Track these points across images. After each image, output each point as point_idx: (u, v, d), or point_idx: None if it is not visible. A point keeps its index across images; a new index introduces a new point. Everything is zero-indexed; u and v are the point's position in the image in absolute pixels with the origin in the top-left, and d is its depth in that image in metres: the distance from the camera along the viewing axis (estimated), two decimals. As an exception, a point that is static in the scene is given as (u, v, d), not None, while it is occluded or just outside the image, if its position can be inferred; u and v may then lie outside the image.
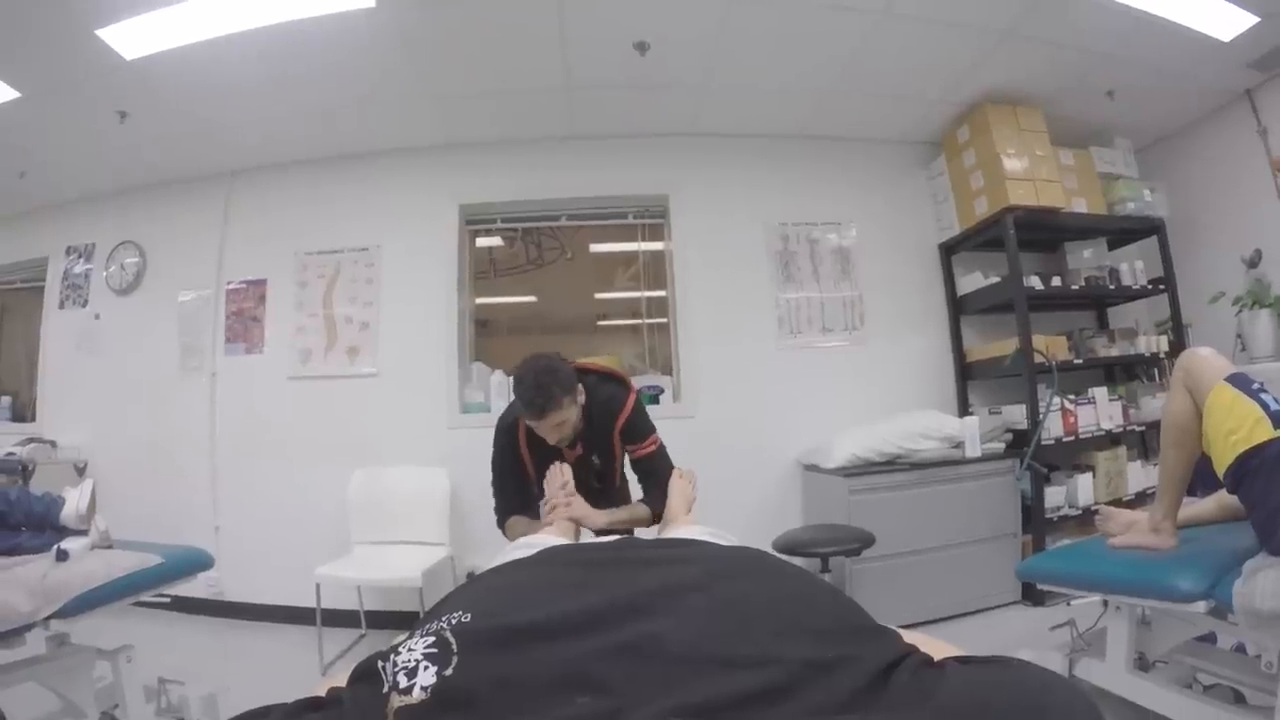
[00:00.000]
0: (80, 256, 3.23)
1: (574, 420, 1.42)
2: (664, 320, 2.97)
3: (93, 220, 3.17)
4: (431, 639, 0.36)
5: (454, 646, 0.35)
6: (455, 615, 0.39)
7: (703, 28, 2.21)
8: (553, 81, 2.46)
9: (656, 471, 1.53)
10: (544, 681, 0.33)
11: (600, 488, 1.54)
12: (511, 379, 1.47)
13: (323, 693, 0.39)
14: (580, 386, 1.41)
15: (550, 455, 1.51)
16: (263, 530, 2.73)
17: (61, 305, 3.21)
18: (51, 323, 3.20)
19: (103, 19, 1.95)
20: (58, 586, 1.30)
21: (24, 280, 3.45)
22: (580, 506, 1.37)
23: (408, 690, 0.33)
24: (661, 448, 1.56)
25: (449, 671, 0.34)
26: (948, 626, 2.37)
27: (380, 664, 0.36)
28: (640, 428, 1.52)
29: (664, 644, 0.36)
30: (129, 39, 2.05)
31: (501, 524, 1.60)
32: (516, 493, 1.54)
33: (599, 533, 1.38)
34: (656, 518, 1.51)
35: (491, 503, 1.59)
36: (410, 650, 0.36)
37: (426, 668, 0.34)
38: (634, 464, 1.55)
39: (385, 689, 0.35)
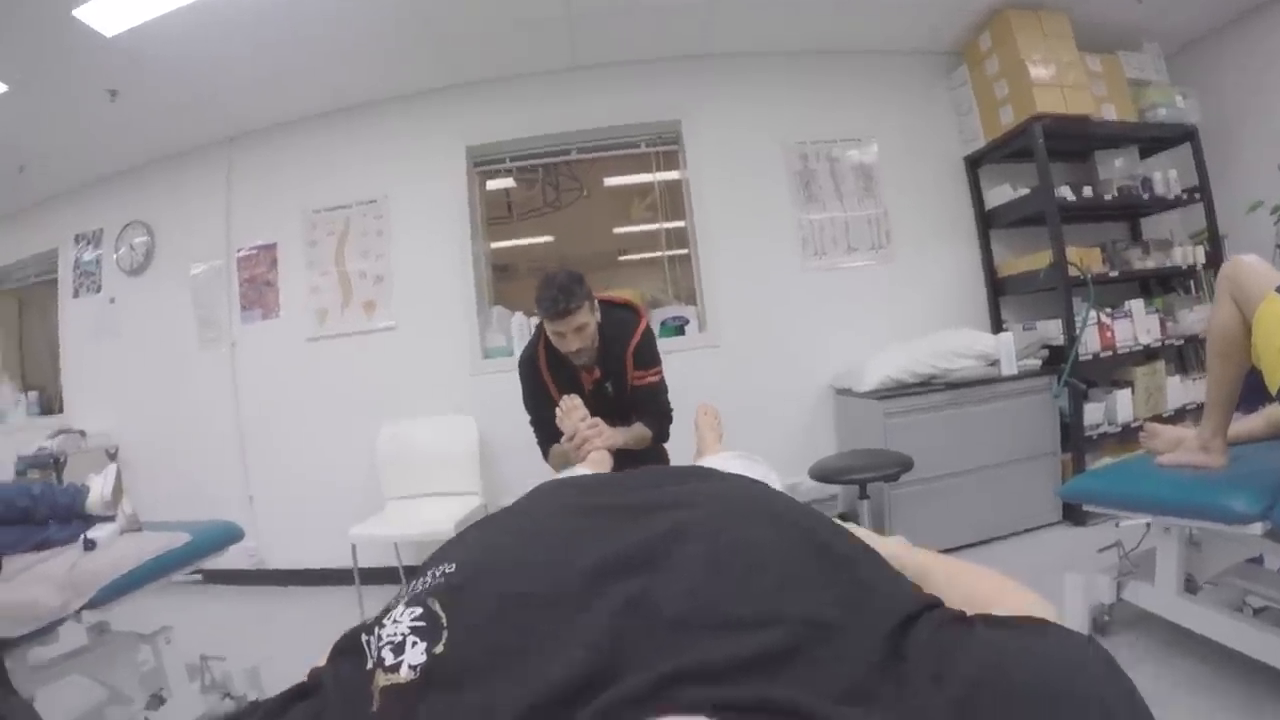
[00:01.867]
0: (89, 243, 3.21)
1: (593, 329, 1.46)
2: (685, 251, 2.91)
3: (97, 205, 3.15)
4: (418, 609, 0.34)
5: (443, 619, 0.33)
6: (440, 568, 0.37)
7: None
8: (552, 10, 2.37)
9: (655, 399, 1.60)
10: (537, 649, 0.31)
11: (613, 419, 1.55)
12: (536, 290, 1.49)
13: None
14: (597, 303, 1.47)
15: (572, 380, 1.55)
16: (296, 495, 2.74)
17: (76, 294, 3.21)
18: (68, 312, 3.21)
19: None
20: (86, 577, 1.28)
21: (37, 274, 3.45)
22: (608, 434, 1.39)
23: (394, 668, 0.31)
24: (664, 381, 1.62)
25: (439, 649, 0.32)
26: (989, 549, 2.34)
27: (364, 638, 0.34)
28: (650, 352, 1.59)
29: (659, 602, 0.33)
30: (107, 15, 1.99)
31: (545, 454, 1.63)
32: (548, 423, 1.55)
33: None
34: (655, 439, 1.59)
35: (521, 446, 1.67)
36: (396, 623, 0.34)
37: (415, 643, 0.32)
38: (635, 391, 1.57)
39: (369, 665, 0.32)
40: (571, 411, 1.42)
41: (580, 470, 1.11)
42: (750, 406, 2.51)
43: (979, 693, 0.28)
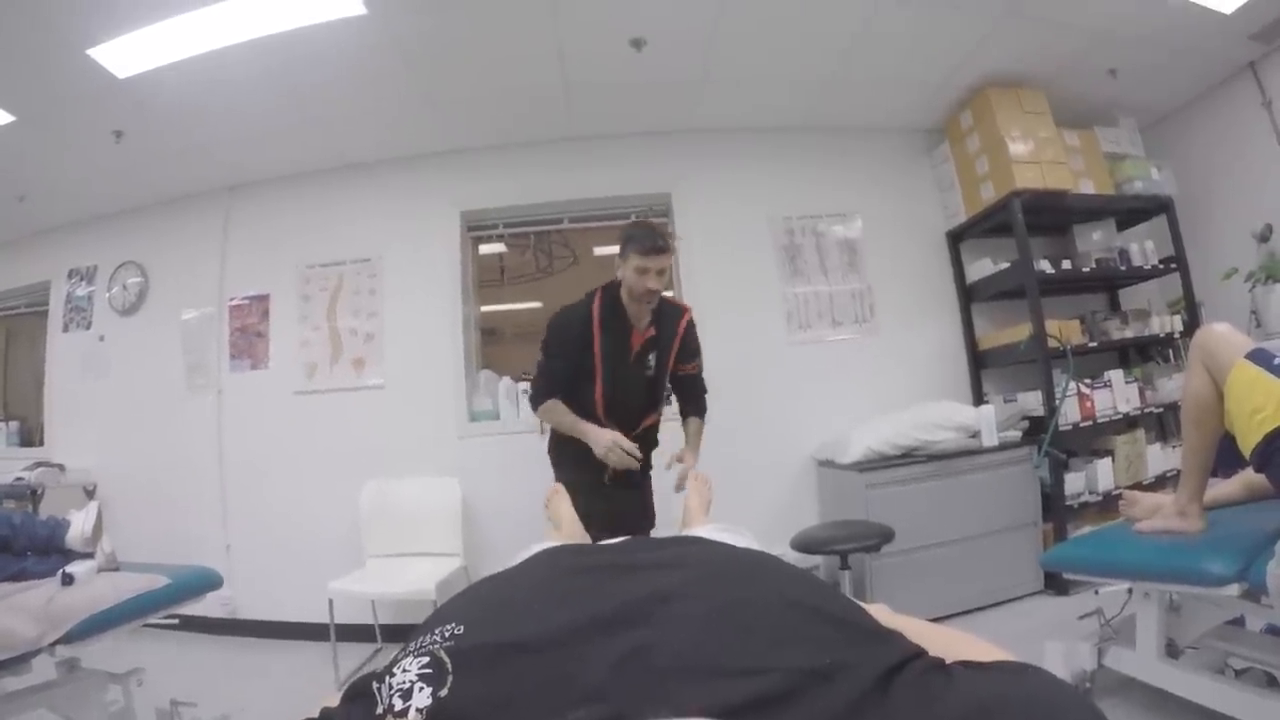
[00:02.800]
0: (82, 279, 3.22)
1: (668, 276, 1.61)
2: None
3: (93, 242, 3.17)
4: (426, 658, 0.36)
5: (448, 666, 0.35)
6: (448, 628, 0.39)
7: (699, 21, 2.19)
8: (549, 81, 2.44)
9: (697, 387, 1.83)
10: (538, 697, 0.33)
11: (648, 394, 1.70)
12: (622, 232, 1.65)
13: (317, 714, 0.38)
14: None
15: (622, 336, 1.64)
16: (275, 547, 2.71)
17: (65, 328, 3.21)
18: (56, 346, 3.20)
19: (93, 38, 1.94)
20: (63, 611, 1.28)
21: (28, 305, 3.46)
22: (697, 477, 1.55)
23: (403, 713, 0.33)
24: (702, 374, 1.83)
25: (444, 693, 0.33)
26: (971, 619, 2.34)
27: (375, 685, 0.36)
28: (696, 342, 1.78)
29: (656, 654, 0.35)
30: (121, 57, 2.04)
31: (538, 403, 1.68)
32: (564, 376, 1.63)
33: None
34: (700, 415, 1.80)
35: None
36: (405, 671, 0.35)
37: (421, 689, 0.34)
38: (679, 380, 1.79)
39: (379, 710, 0.34)
40: (693, 488, 1.51)
41: (550, 542, 1.12)
42: (735, 478, 2.48)
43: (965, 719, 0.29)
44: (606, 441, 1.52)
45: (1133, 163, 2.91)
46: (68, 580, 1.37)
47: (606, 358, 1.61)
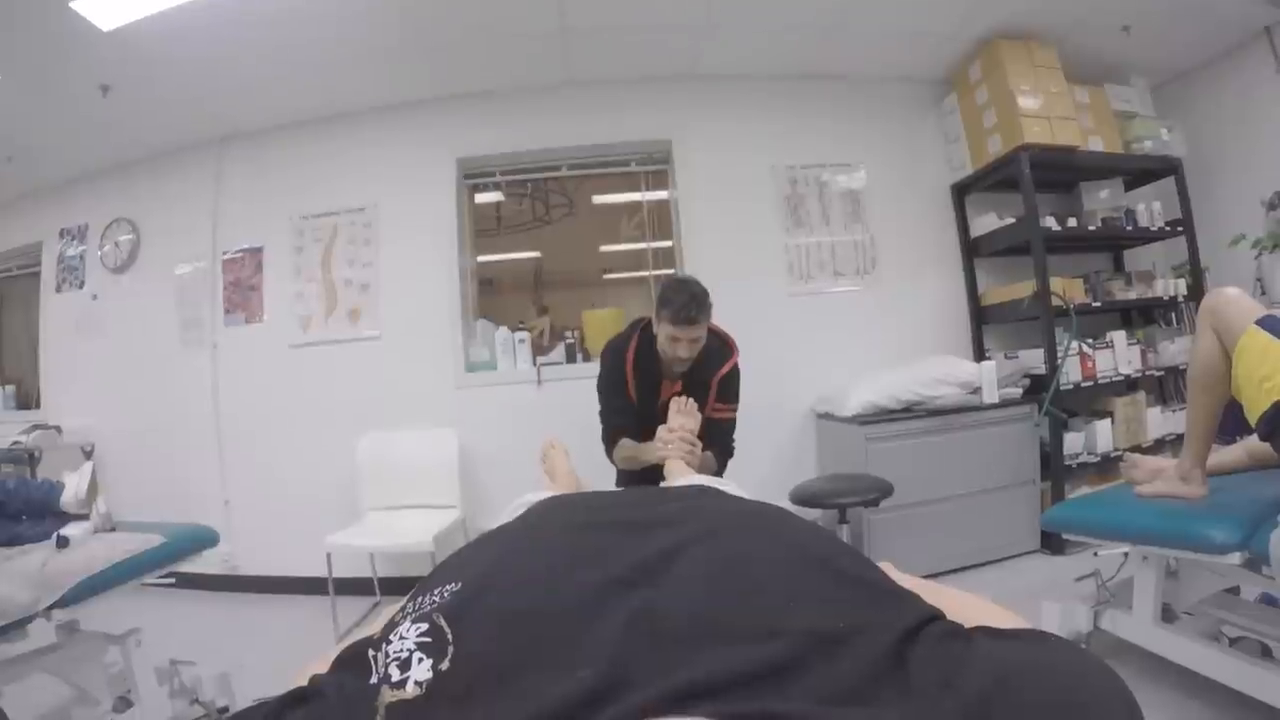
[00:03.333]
0: (74, 238, 3.18)
1: (702, 343, 1.52)
2: (671, 271, 2.90)
3: (84, 200, 3.12)
4: (425, 625, 0.34)
5: (448, 635, 0.33)
6: (447, 587, 0.37)
7: (703, -40, 2.12)
8: (547, 24, 2.37)
9: (725, 435, 1.65)
10: (542, 664, 0.31)
11: None
12: (660, 288, 1.56)
13: (319, 672, 0.36)
14: None
15: (652, 387, 1.59)
16: (273, 502, 2.71)
17: (58, 289, 3.17)
18: (50, 307, 3.17)
19: None
20: (57, 574, 1.26)
21: (20, 267, 3.41)
22: (693, 458, 1.38)
23: (400, 684, 0.31)
24: (735, 422, 1.68)
25: (445, 665, 0.32)
26: (968, 576, 2.35)
27: (371, 653, 0.34)
28: (734, 388, 1.65)
29: (664, 617, 0.34)
30: (104, 8, 1.97)
31: (608, 445, 1.65)
32: (622, 413, 1.60)
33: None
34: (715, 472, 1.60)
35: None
36: (402, 639, 0.34)
37: (421, 659, 0.32)
38: (708, 423, 1.57)
39: (374, 679, 0.33)
40: (688, 412, 1.42)
41: (545, 493, 1.10)
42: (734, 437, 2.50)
43: (989, 704, 0.28)
44: (661, 439, 1.39)
45: (1143, 122, 2.86)
46: (63, 543, 1.35)
47: (640, 402, 1.60)
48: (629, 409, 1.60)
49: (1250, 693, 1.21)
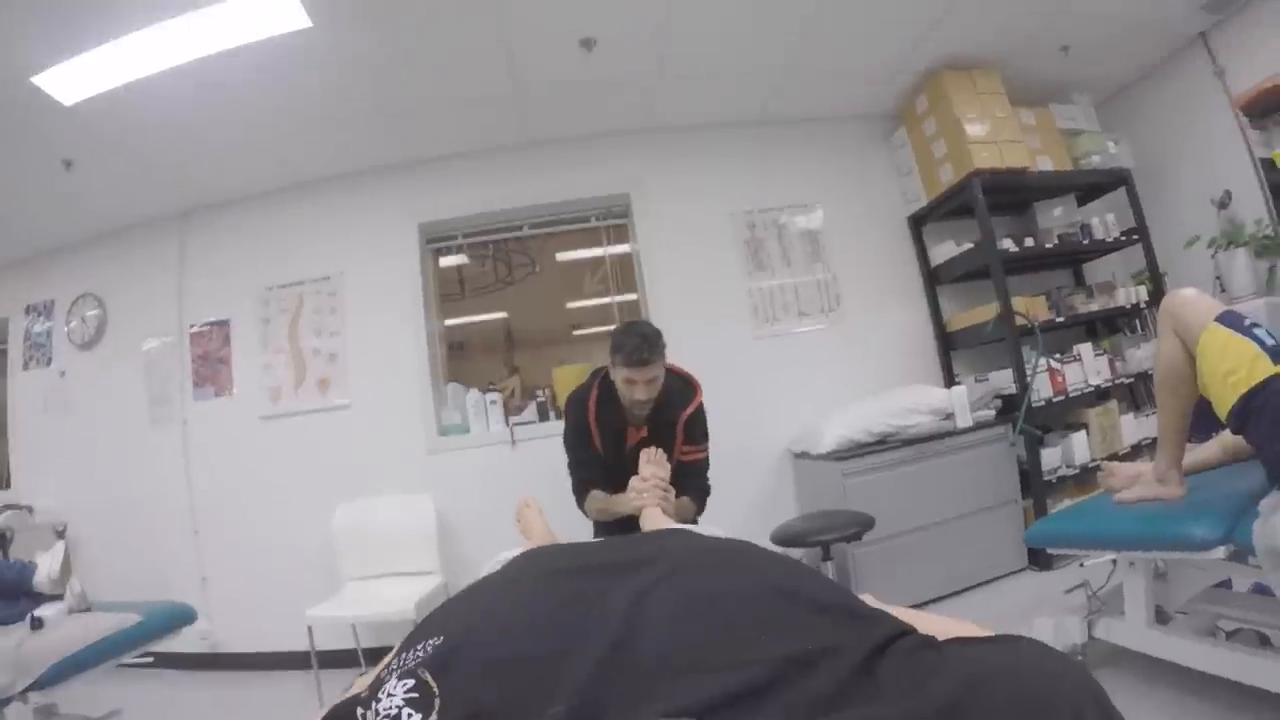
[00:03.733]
0: (40, 314, 3.14)
1: (660, 384, 1.51)
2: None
3: (50, 275, 3.09)
4: (410, 680, 0.35)
5: (434, 689, 0.34)
6: (430, 641, 0.38)
7: (649, 18, 2.17)
8: (501, 88, 2.42)
9: (699, 476, 1.65)
10: (522, 707, 0.32)
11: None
12: (612, 335, 1.57)
13: None
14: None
15: (617, 435, 1.58)
16: (251, 576, 2.65)
17: (25, 366, 3.12)
18: (17, 385, 3.11)
19: (36, 65, 1.89)
20: (33, 656, 1.25)
21: (-13, 345, 3.36)
22: (668, 504, 1.37)
23: None
24: (708, 460, 1.67)
25: (433, 718, 0.33)
26: (957, 601, 2.34)
27: (360, 711, 0.35)
28: (701, 428, 1.65)
29: (638, 653, 0.35)
30: (66, 84, 1.99)
31: (580, 498, 1.63)
32: (588, 465, 1.60)
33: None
34: (694, 514, 1.62)
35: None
36: (390, 696, 0.34)
37: (410, 715, 0.33)
38: (680, 466, 1.58)
39: None
40: (658, 462, 1.41)
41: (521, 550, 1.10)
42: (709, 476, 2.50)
43: (958, 706, 0.28)
44: (634, 489, 1.37)
45: (1089, 137, 2.94)
46: (37, 624, 1.34)
47: (605, 451, 1.59)
48: (595, 460, 1.60)
49: (1253, 683, 1.19)
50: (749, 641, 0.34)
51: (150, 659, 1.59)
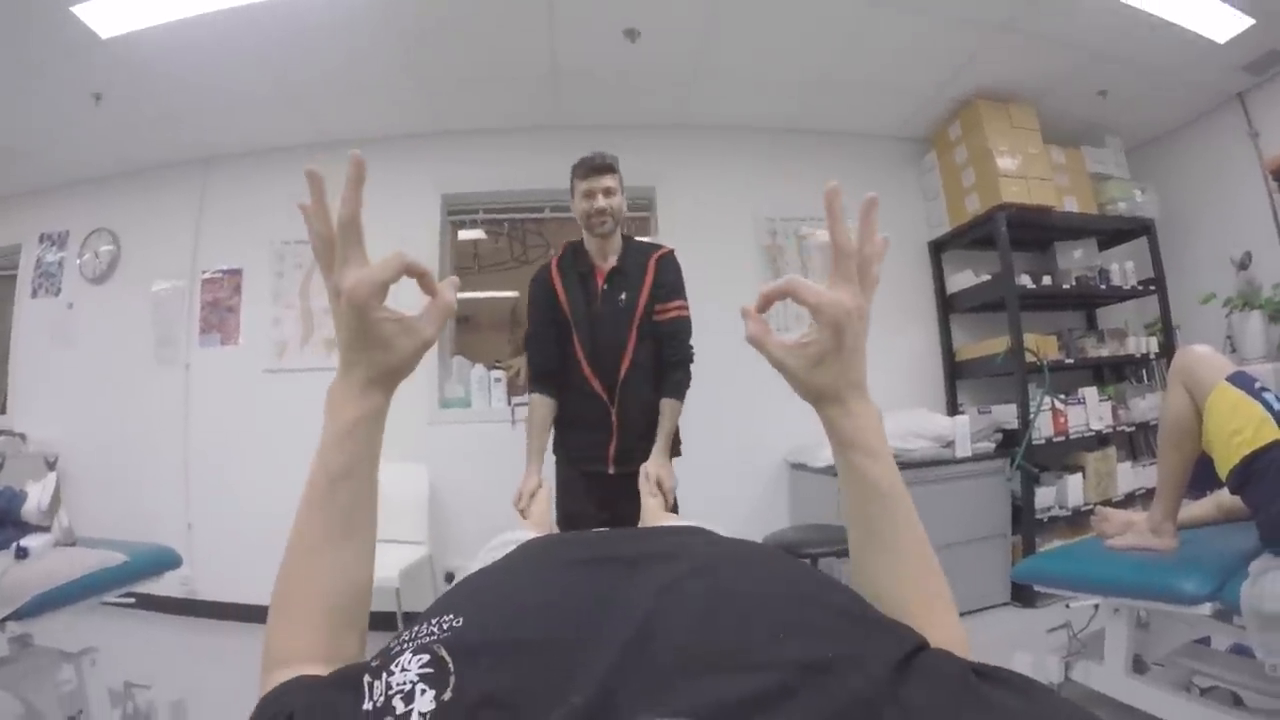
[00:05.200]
0: (53, 244, 3.13)
1: (620, 204, 1.51)
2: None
3: (67, 206, 3.08)
4: (425, 655, 0.35)
5: (449, 665, 0.34)
6: (446, 619, 0.38)
7: (695, 15, 2.17)
8: (540, 68, 2.41)
9: (681, 343, 1.56)
10: (539, 693, 0.32)
11: (625, 331, 1.52)
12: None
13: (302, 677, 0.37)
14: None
15: (584, 280, 1.54)
16: (237, 528, 2.65)
17: (34, 294, 3.12)
18: (24, 312, 3.11)
19: None
20: (16, 585, 1.23)
21: (-4, 267, 3.35)
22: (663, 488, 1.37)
23: (405, 716, 0.32)
24: (690, 322, 1.59)
25: (447, 695, 0.32)
26: (936, 629, 2.34)
27: (368, 680, 0.34)
28: (676, 277, 1.57)
29: (657, 648, 0.35)
30: (106, 16, 1.98)
31: (531, 388, 1.61)
32: (543, 340, 1.55)
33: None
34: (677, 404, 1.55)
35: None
36: (404, 670, 0.34)
37: (424, 691, 0.32)
38: (661, 326, 1.54)
39: (367, 705, 0.33)
40: (654, 495, 1.40)
41: (523, 532, 1.10)
42: (707, 477, 2.47)
43: None
44: (517, 493, 1.41)
45: (1117, 184, 2.94)
46: (22, 554, 1.32)
47: (574, 304, 1.51)
48: (549, 335, 1.53)
49: (1221, 742, 1.20)
50: (766, 643, 0.34)
51: (132, 599, 1.59)
